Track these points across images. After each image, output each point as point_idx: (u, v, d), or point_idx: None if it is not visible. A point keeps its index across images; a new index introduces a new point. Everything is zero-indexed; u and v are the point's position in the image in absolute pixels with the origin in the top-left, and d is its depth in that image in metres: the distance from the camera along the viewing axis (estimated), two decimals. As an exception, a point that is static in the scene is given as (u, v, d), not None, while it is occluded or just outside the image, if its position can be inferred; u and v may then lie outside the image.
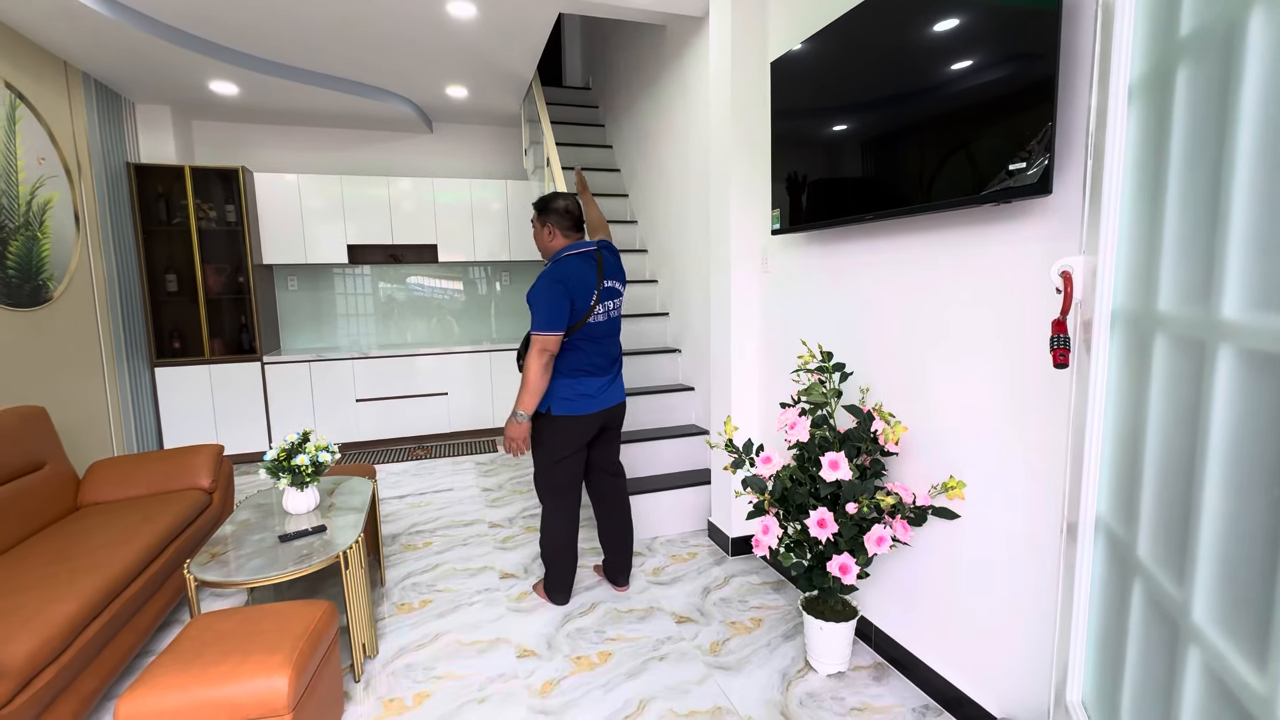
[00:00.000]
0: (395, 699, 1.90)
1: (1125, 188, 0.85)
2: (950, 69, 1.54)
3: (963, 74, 1.50)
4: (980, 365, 1.63)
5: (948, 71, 1.54)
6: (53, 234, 3.26)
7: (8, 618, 1.66)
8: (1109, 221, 0.85)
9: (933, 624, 1.87)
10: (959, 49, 1.50)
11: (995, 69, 1.42)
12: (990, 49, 1.43)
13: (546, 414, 2.26)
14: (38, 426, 2.56)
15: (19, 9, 2.84)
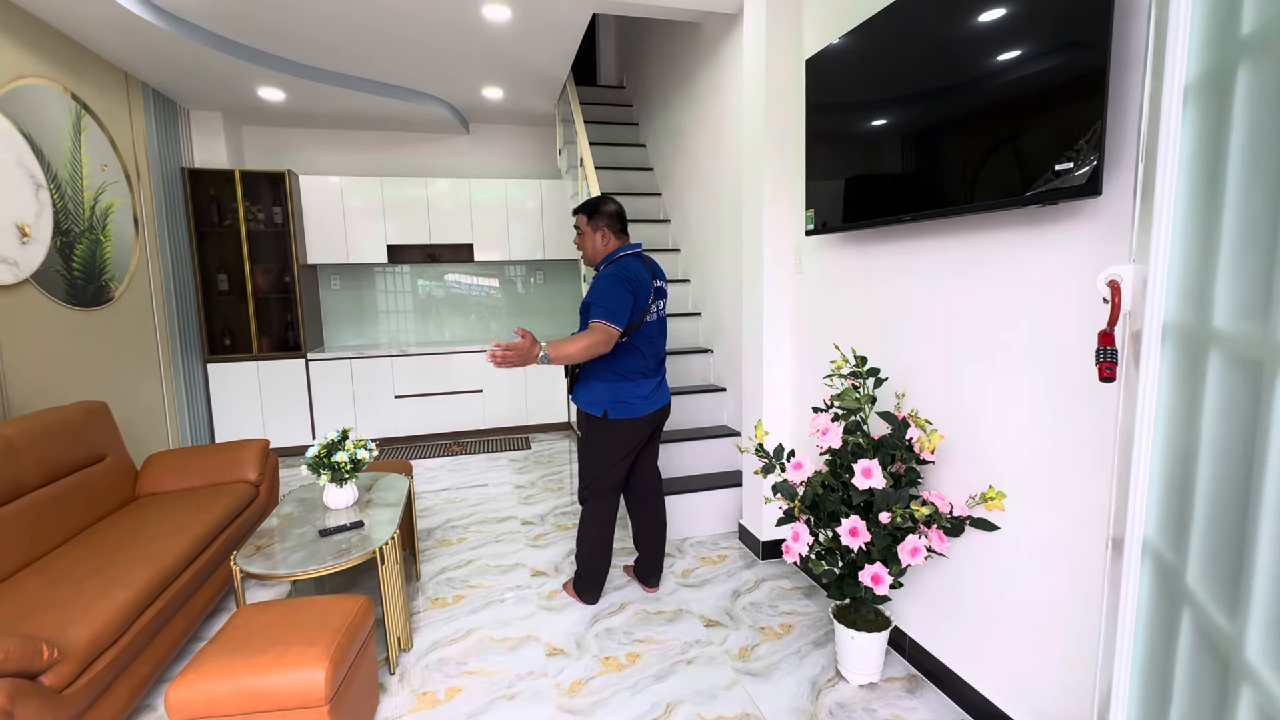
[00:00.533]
0: (428, 692, 1.95)
1: (1179, 193, 0.80)
2: (995, 62, 1.48)
3: (1009, 67, 1.45)
4: (1022, 373, 1.57)
5: (993, 65, 1.49)
6: (114, 237, 3.44)
7: (71, 604, 1.76)
8: (1161, 229, 0.81)
9: (969, 636, 1.81)
10: (1006, 40, 1.44)
11: (1042, 60, 1.36)
12: (1039, 39, 1.37)
13: (603, 417, 2.27)
14: (100, 420, 2.70)
15: (84, 24, 3.00)
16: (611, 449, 2.31)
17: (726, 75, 3.29)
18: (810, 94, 2.24)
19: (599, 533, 2.38)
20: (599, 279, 2.24)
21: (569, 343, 2.09)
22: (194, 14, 3.11)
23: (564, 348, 2.07)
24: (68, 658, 1.54)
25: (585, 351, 2.10)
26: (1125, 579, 0.87)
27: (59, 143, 3.02)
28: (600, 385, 2.29)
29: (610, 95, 5.64)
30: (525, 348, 1.99)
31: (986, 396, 1.69)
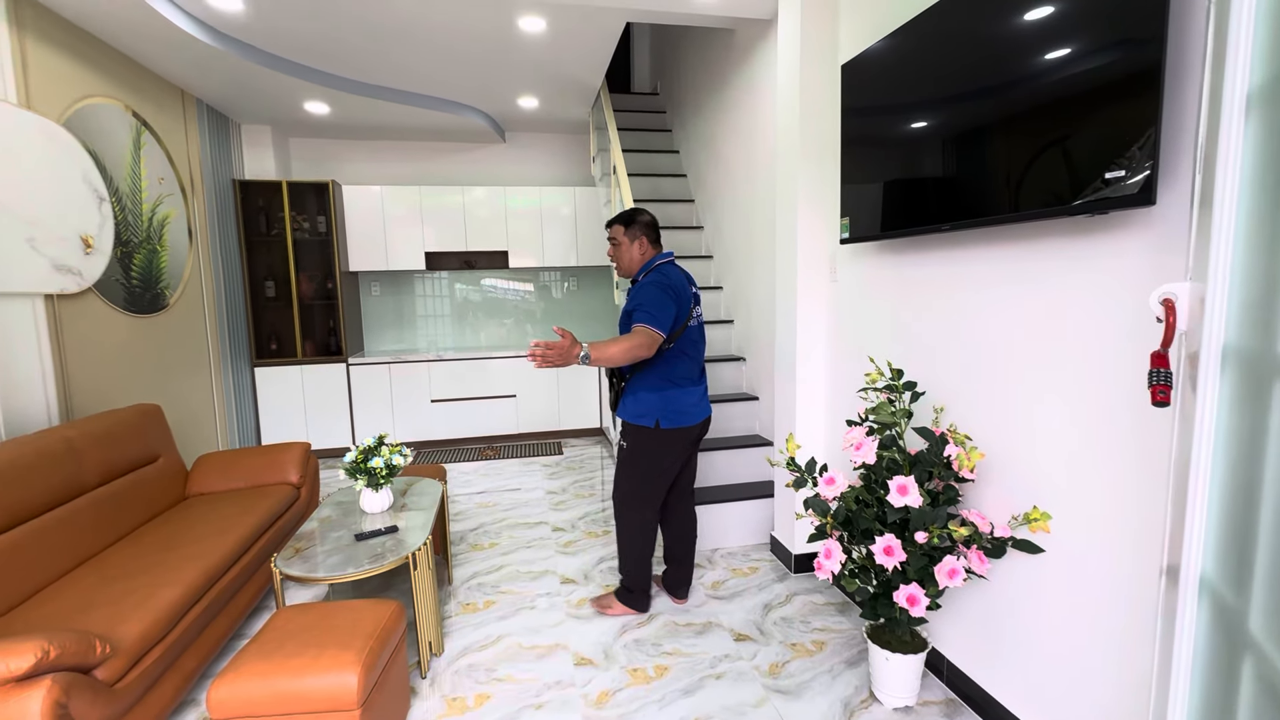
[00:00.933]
0: (458, 698, 1.97)
1: (1241, 205, 0.75)
2: (1043, 61, 1.42)
3: (1056, 67, 1.39)
4: (1069, 390, 1.50)
5: (1039, 65, 1.43)
6: (170, 246, 3.60)
7: (123, 600, 1.84)
8: (1221, 243, 0.76)
9: (1011, 661, 1.74)
10: (1054, 38, 1.38)
11: (1092, 59, 1.29)
12: (1089, 36, 1.30)
13: (654, 427, 2.25)
14: (154, 422, 2.83)
15: (145, 45, 3.16)
16: (662, 460, 2.30)
17: (760, 81, 3.26)
18: (846, 99, 2.20)
19: (646, 546, 2.38)
20: (643, 287, 2.23)
21: (611, 344, 2.06)
22: (247, 33, 3.24)
23: (606, 349, 2.05)
24: (119, 653, 1.61)
25: (627, 353, 2.07)
26: (1180, 614, 0.82)
27: (120, 158, 3.18)
28: (650, 395, 2.26)
29: (644, 102, 5.65)
30: (565, 347, 1.97)
31: (1031, 413, 1.62)
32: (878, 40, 2.00)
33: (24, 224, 2.49)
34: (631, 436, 2.31)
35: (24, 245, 2.50)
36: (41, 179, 2.60)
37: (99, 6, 2.74)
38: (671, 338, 2.22)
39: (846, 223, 2.23)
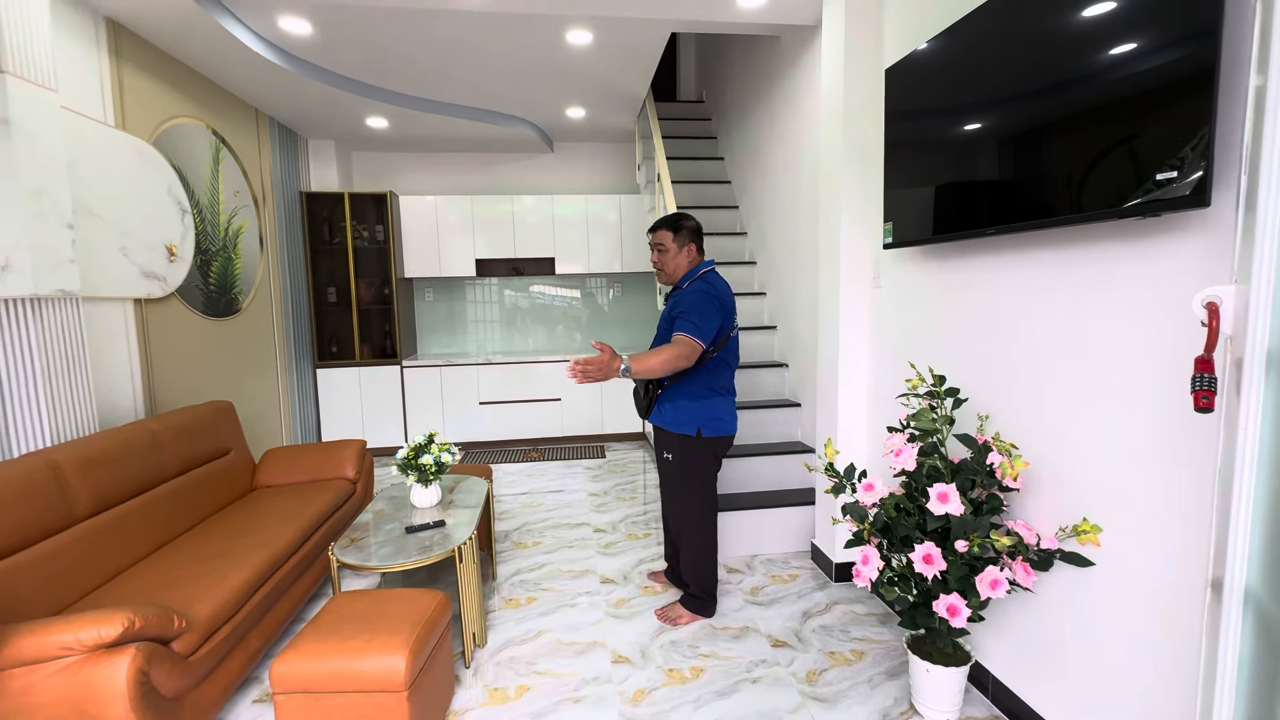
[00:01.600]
0: (499, 688, 2.04)
1: (1290, 207, 0.73)
2: (1094, 63, 1.39)
3: (1108, 68, 1.35)
4: (1120, 398, 1.45)
5: (1090, 67, 1.40)
6: (243, 255, 3.86)
7: (196, 582, 1.99)
8: (1266, 246, 0.74)
9: (1059, 678, 1.68)
10: (1107, 39, 1.35)
11: (1145, 57, 1.26)
12: (1143, 33, 1.27)
13: (696, 436, 2.27)
14: (227, 419, 3.04)
15: (225, 68, 3.41)
16: (708, 467, 2.34)
17: (805, 87, 3.25)
18: (889, 104, 2.18)
19: (713, 553, 2.40)
20: (689, 294, 2.23)
21: (651, 356, 2.08)
22: (315, 55, 3.46)
23: (646, 361, 2.07)
24: (193, 628, 1.74)
25: (667, 364, 2.09)
26: (1225, 627, 0.80)
27: (201, 173, 3.44)
28: (690, 403, 2.27)
29: (689, 110, 5.70)
30: (605, 362, 1.99)
31: (1080, 421, 1.57)
32: (924, 42, 1.99)
33: (118, 234, 2.73)
34: (676, 447, 2.32)
35: (117, 254, 2.73)
36: (133, 193, 2.85)
37: (187, 34, 2.98)
38: (716, 347, 2.23)
39: (890, 228, 2.21)
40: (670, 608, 2.47)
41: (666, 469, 2.40)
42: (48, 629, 1.47)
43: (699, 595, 2.42)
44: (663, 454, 2.38)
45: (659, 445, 2.41)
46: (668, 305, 2.36)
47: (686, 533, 2.39)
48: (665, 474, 2.43)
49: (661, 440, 2.38)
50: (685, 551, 2.41)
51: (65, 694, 1.45)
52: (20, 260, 2.14)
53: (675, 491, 2.40)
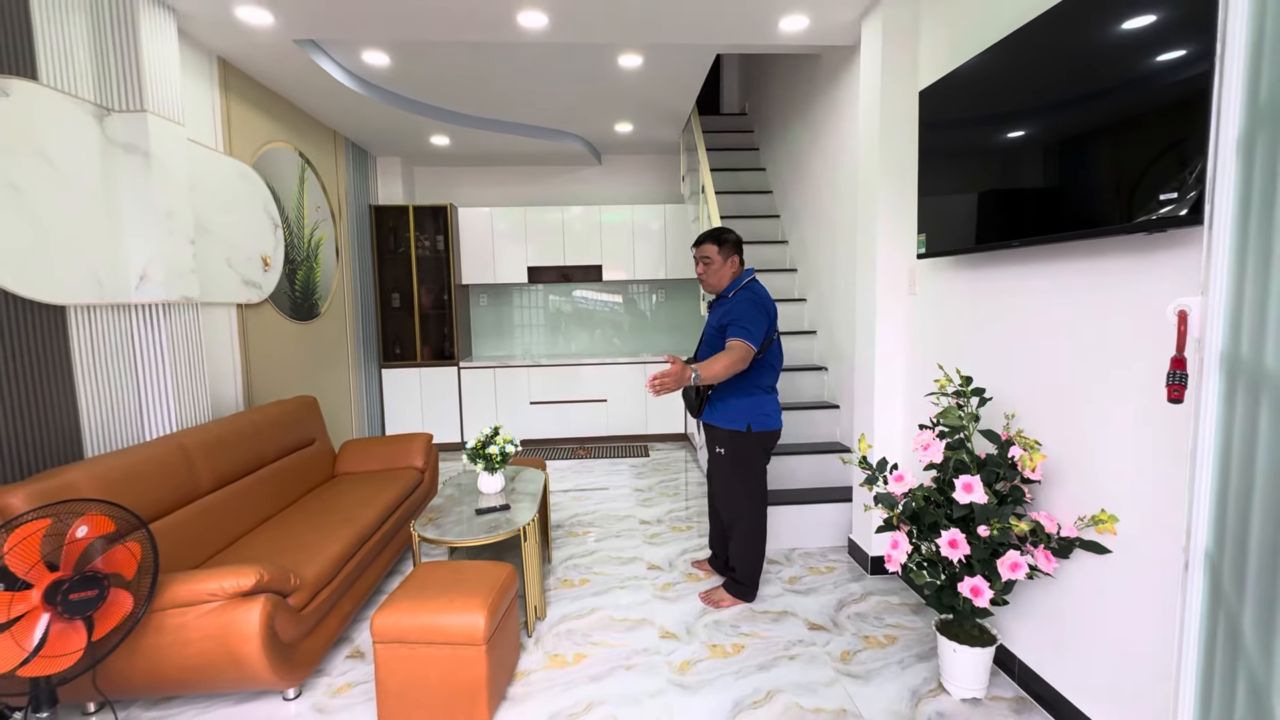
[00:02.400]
0: (559, 655, 2.27)
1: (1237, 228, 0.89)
2: (1107, 86, 1.53)
3: (1120, 87, 1.50)
4: (1135, 397, 1.58)
5: (1103, 92, 1.54)
6: (322, 264, 4.24)
7: (300, 551, 2.29)
8: (1218, 264, 0.89)
9: (1083, 662, 1.80)
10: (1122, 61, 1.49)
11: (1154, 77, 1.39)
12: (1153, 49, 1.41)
13: (746, 432, 2.46)
14: (311, 412, 3.38)
15: (310, 96, 3.79)
16: (757, 461, 2.53)
17: (844, 102, 3.41)
18: (923, 126, 2.33)
19: (762, 544, 2.58)
20: (738, 303, 2.42)
21: (715, 363, 2.27)
22: (388, 81, 3.80)
23: (711, 368, 2.26)
24: (304, 587, 2.03)
25: (729, 369, 2.28)
26: (1190, 583, 0.95)
27: (289, 191, 3.82)
28: (739, 402, 2.47)
29: (732, 123, 5.88)
30: (678, 372, 2.18)
31: (1097, 419, 1.70)
32: (949, 72, 2.14)
33: (224, 247, 3.10)
34: (727, 443, 2.50)
35: (224, 264, 3.10)
36: (236, 211, 3.22)
37: (283, 68, 3.35)
38: (761, 349, 2.42)
39: (923, 239, 2.36)
40: (713, 591, 2.65)
41: (719, 463, 2.57)
42: (198, 579, 1.77)
43: (743, 581, 2.60)
44: (715, 449, 2.56)
45: (711, 441, 2.59)
46: (715, 313, 2.55)
47: (738, 523, 2.56)
48: (718, 468, 2.60)
49: (714, 436, 2.56)
50: (735, 540, 2.59)
51: (211, 631, 1.74)
52: (155, 271, 2.50)
53: (728, 484, 2.57)
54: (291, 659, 1.92)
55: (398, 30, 2.94)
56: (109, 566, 1.55)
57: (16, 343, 2.03)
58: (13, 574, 1.40)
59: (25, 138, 2.07)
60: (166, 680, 1.80)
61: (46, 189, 2.13)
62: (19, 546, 1.41)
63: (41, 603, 1.43)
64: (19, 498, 1.70)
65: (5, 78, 2.02)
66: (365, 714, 1.96)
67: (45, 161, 2.13)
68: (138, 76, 2.43)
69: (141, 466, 2.13)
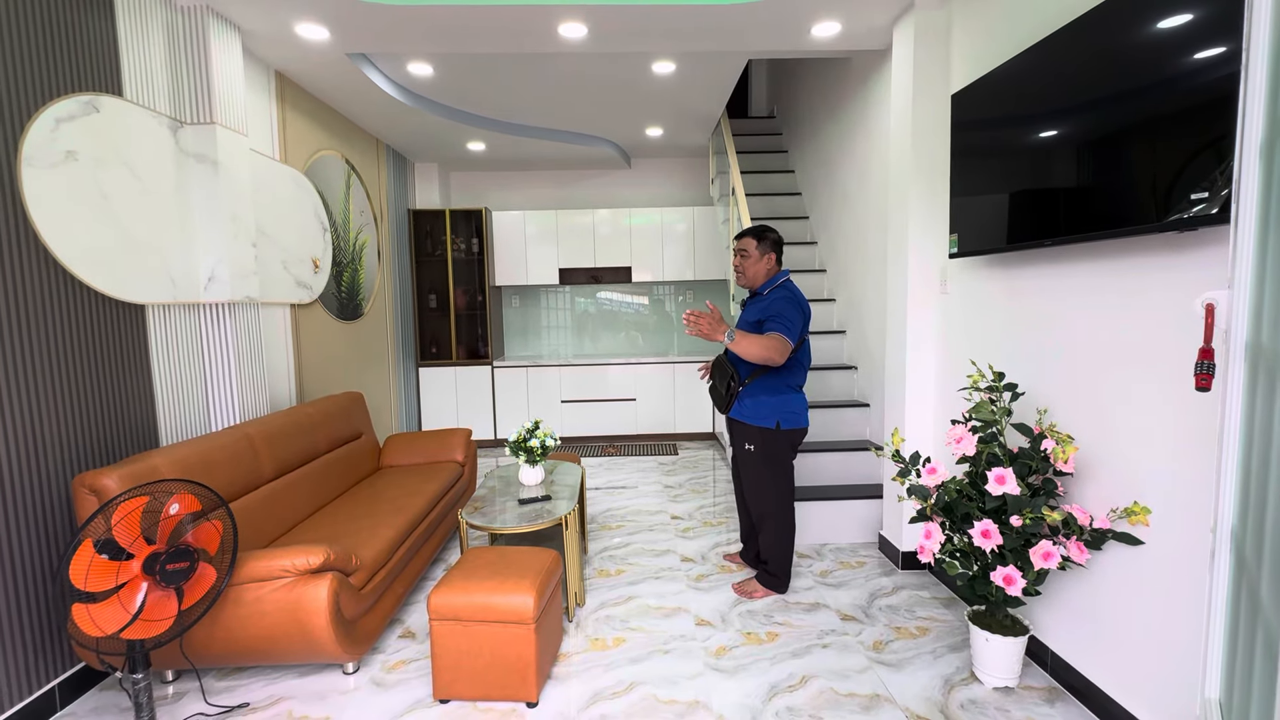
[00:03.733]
0: (599, 638, 2.37)
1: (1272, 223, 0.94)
2: (1144, 86, 1.58)
3: (1156, 87, 1.55)
4: (1170, 391, 1.62)
5: (1140, 92, 1.59)
6: (365, 266, 4.42)
7: (356, 535, 2.43)
8: (1243, 259, 0.95)
9: (1116, 653, 1.84)
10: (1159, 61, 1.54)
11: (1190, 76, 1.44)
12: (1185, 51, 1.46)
13: (775, 429, 2.52)
14: (358, 407, 3.54)
15: (356, 105, 3.97)
16: (786, 458, 2.60)
17: (874, 105, 3.46)
18: (955, 129, 2.38)
19: (792, 537, 2.66)
20: (776, 300, 2.47)
21: (751, 340, 2.31)
22: (431, 91, 3.96)
23: (746, 338, 2.31)
24: (363, 567, 2.17)
25: (763, 351, 2.31)
26: (1217, 563, 1.01)
27: (337, 196, 4.00)
28: (769, 399, 2.53)
29: (761, 125, 5.95)
30: (714, 319, 2.23)
31: (1130, 412, 1.74)
32: (982, 75, 2.19)
33: (280, 250, 3.28)
34: (757, 439, 2.56)
35: (280, 266, 3.28)
36: (291, 216, 3.40)
37: (334, 80, 3.52)
38: (795, 348, 2.48)
39: (955, 239, 2.41)
40: (746, 582, 2.73)
41: (748, 459, 2.63)
42: (271, 556, 1.91)
43: (775, 573, 2.67)
44: (744, 446, 2.63)
45: (739, 439, 2.65)
46: (750, 310, 2.61)
47: (767, 518, 2.63)
48: (747, 464, 2.65)
49: (742, 433, 2.62)
50: (765, 534, 2.66)
51: (283, 605, 1.88)
52: (222, 272, 2.67)
53: (758, 480, 2.63)
54: (353, 634, 2.06)
55: (445, 44, 3.08)
56: (197, 541, 1.69)
57: (104, 339, 2.21)
58: (118, 545, 1.55)
59: (112, 149, 2.24)
60: (242, 650, 1.94)
61: (129, 196, 2.31)
62: (123, 521, 1.56)
63: (141, 572, 1.58)
64: (113, 479, 1.86)
65: (97, 95, 2.19)
66: (419, 688, 2.09)
67: (129, 171, 2.31)
68: (208, 91, 2.61)
69: (214, 453, 2.28)
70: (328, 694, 2.06)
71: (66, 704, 2.01)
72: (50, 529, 1.98)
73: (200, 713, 1.96)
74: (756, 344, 2.32)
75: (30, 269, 1.93)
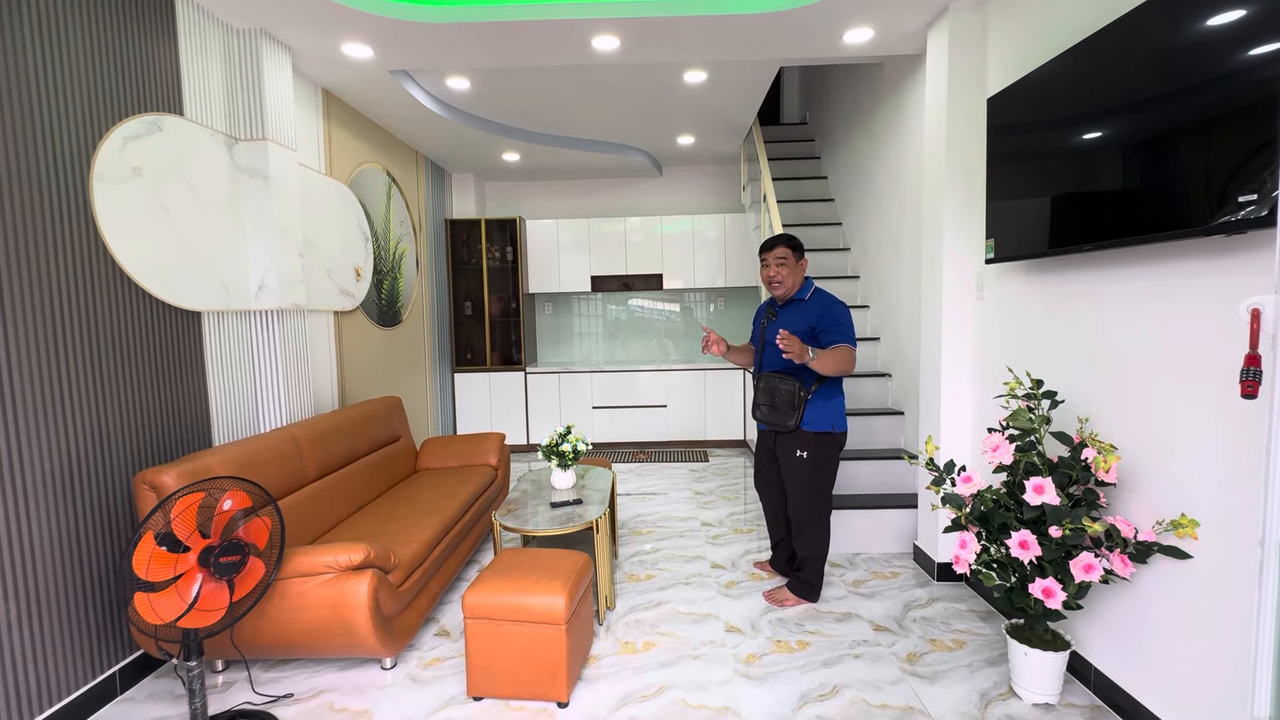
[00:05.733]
0: (629, 642, 2.39)
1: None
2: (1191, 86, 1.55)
3: (1204, 87, 1.51)
4: (1217, 400, 1.57)
5: (1187, 92, 1.56)
6: (404, 274, 4.56)
7: (394, 535, 2.50)
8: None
9: (1163, 671, 1.77)
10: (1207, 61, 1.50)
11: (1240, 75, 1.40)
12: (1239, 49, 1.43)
13: (831, 433, 2.53)
14: (396, 411, 3.65)
15: (397, 120, 4.11)
16: (835, 462, 2.60)
17: (908, 110, 3.43)
18: (992, 131, 2.35)
19: (828, 542, 2.64)
20: (827, 307, 2.48)
21: (830, 356, 2.35)
22: (468, 104, 4.08)
23: (826, 356, 2.34)
24: (401, 566, 2.23)
25: (839, 366, 2.37)
26: (1265, 573, 0.98)
27: (378, 207, 4.15)
28: (823, 405, 2.52)
29: (792, 132, 5.93)
30: (800, 347, 2.28)
31: (1176, 421, 1.68)
32: (1027, 73, 2.15)
33: (325, 259, 3.41)
34: (812, 446, 2.51)
35: (324, 275, 3.41)
36: (335, 227, 3.54)
37: (377, 95, 3.66)
38: None
39: (991, 244, 2.37)
40: (777, 590, 2.71)
41: (798, 466, 2.55)
42: (315, 552, 1.99)
43: (809, 581, 2.65)
44: (797, 453, 2.55)
45: (790, 447, 2.56)
46: (793, 317, 2.54)
47: (808, 525, 2.59)
48: (796, 471, 2.57)
49: (795, 440, 2.54)
50: (803, 541, 2.62)
51: (326, 599, 1.96)
52: (272, 281, 2.79)
53: (806, 487, 2.57)
54: (391, 630, 2.12)
55: (483, 59, 3.18)
56: (248, 536, 1.77)
57: (164, 344, 2.34)
58: (176, 538, 1.64)
59: (173, 166, 2.38)
60: (287, 642, 2.02)
61: (188, 209, 2.44)
62: (181, 515, 1.65)
63: (197, 564, 1.67)
64: (170, 476, 1.97)
65: (161, 115, 2.34)
66: (454, 685, 2.14)
67: (188, 185, 2.45)
68: (260, 109, 2.74)
69: (262, 453, 2.39)
70: (366, 688, 2.13)
71: (126, 688, 2.13)
72: (113, 522, 2.10)
73: (248, 701, 2.04)
74: (834, 360, 2.36)
75: (100, 278, 2.07)
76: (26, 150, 1.84)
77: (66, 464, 1.93)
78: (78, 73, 2.01)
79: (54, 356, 1.90)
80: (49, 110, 1.91)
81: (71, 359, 1.96)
